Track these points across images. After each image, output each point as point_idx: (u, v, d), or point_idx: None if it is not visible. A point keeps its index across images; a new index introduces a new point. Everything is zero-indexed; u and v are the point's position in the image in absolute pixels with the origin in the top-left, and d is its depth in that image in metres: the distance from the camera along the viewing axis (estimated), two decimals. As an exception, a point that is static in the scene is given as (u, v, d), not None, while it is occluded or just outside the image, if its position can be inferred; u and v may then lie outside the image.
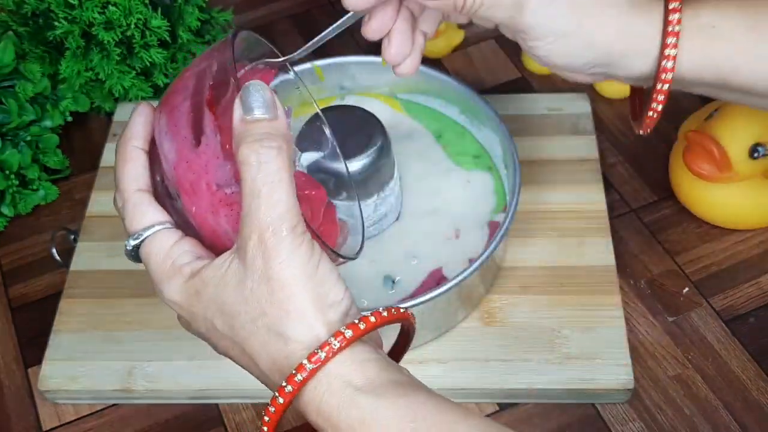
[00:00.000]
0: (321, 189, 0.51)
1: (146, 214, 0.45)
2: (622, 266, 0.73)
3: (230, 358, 0.44)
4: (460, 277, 0.63)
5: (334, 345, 0.40)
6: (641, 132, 0.55)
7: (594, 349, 0.67)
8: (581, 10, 0.50)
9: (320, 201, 0.50)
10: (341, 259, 0.47)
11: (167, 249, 0.44)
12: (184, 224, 0.45)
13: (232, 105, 0.42)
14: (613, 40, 0.51)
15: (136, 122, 0.46)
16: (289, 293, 0.41)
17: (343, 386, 0.40)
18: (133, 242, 0.45)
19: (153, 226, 0.45)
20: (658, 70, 0.50)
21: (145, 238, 0.45)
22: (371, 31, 0.53)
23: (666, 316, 0.70)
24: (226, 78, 0.43)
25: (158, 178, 0.45)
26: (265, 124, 0.41)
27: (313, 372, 0.40)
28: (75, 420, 0.69)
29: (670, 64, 0.50)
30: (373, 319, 0.42)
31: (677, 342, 0.69)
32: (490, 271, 0.70)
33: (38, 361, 0.70)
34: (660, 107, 0.52)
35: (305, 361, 0.40)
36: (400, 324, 0.47)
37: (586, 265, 0.71)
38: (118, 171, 0.46)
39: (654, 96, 0.52)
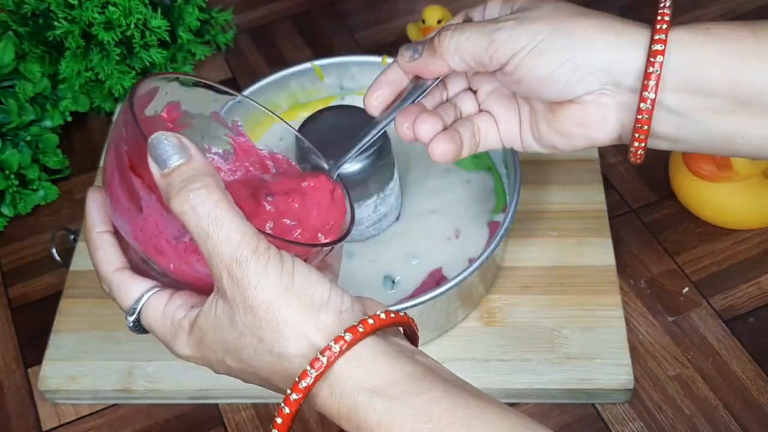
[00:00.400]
0: (320, 177, 0.51)
1: (130, 289, 0.47)
2: (622, 266, 0.73)
3: (260, 386, 0.45)
4: (460, 277, 0.63)
5: (335, 349, 0.40)
6: (633, 159, 0.51)
7: (594, 349, 0.67)
8: (555, 20, 0.49)
9: (319, 190, 0.50)
10: (327, 249, 0.46)
11: (161, 311, 0.46)
12: (171, 281, 0.46)
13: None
14: (593, 33, 0.48)
15: (91, 209, 0.48)
16: (274, 314, 0.41)
17: (355, 390, 0.40)
18: (131, 318, 0.47)
19: (141, 297, 0.46)
20: (647, 64, 0.47)
21: (139, 310, 0.46)
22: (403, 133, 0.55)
23: (666, 316, 0.70)
24: (136, 137, 0.43)
25: (131, 251, 0.47)
26: (182, 169, 0.42)
27: (318, 377, 0.40)
28: (75, 420, 0.69)
29: (659, 59, 0.46)
30: (371, 321, 0.42)
31: (677, 342, 0.69)
32: (490, 271, 0.70)
33: (38, 361, 0.70)
34: (649, 106, 0.47)
35: (308, 367, 0.41)
36: (403, 328, 0.47)
37: (586, 265, 0.71)
38: (92, 260, 0.48)
39: (642, 95, 0.47)
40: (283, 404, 0.41)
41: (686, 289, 0.72)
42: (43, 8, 0.81)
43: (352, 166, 0.65)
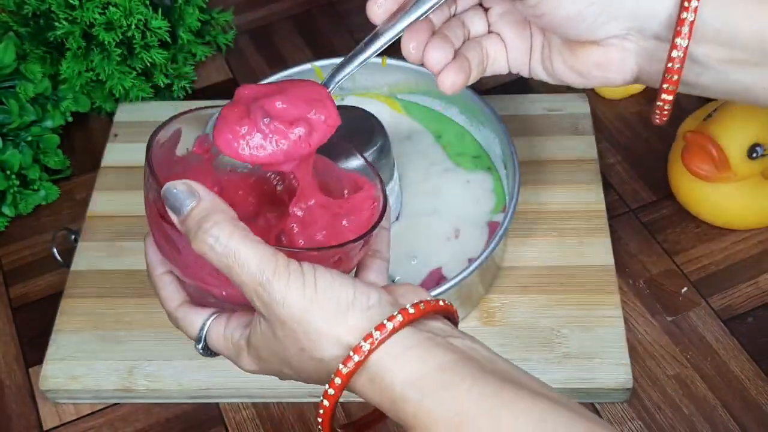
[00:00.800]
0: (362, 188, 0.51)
1: (193, 322, 0.49)
2: (621, 266, 0.73)
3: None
4: (459, 277, 0.64)
5: (365, 348, 0.42)
6: (659, 116, 0.49)
7: (593, 349, 0.67)
8: None
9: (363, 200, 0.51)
10: (358, 243, 0.46)
11: (222, 335, 0.48)
12: (230, 305, 0.49)
13: None
14: None
15: (149, 253, 0.51)
16: (306, 326, 0.43)
17: (391, 383, 0.42)
18: (200, 346, 0.49)
19: (203, 325, 0.49)
20: (680, 11, 0.45)
21: (205, 337, 0.49)
22: (409, 53, 0.53)
23: (665, 316, 0.70)
24: (157, 188, 0.45)
25: (187, 285, 0.50)
26: (193, 214, 0.44)
27: (350, 374, 0.42)
28: (76, 419, 0.69)
29: (694, 4, 0.45)
30: (400, 318, 0.42)
31: (676, 341, 0.69)
32: (490, 271, 0.70)
33: (39, 361, 0.70)
34: (681, 54, 0.45)
35: (341, 366, 0.42)
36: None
37: (585, 265, 0.72)
38: (159, 298, 0.51)
39: (674, 42, 0.45)
40: (322, 398, 0.43)
41: (685, 288, 0.72)
42: (44, 9, 0.81)
43: (352, 165, 0.65)
